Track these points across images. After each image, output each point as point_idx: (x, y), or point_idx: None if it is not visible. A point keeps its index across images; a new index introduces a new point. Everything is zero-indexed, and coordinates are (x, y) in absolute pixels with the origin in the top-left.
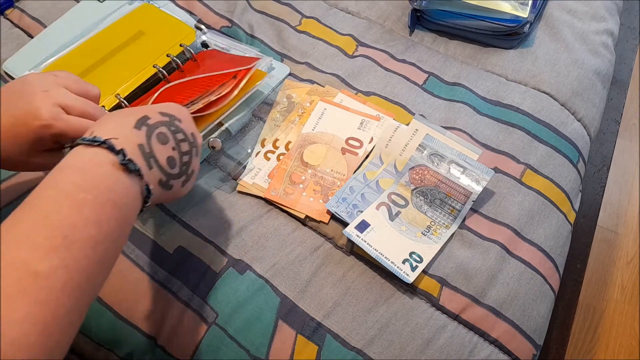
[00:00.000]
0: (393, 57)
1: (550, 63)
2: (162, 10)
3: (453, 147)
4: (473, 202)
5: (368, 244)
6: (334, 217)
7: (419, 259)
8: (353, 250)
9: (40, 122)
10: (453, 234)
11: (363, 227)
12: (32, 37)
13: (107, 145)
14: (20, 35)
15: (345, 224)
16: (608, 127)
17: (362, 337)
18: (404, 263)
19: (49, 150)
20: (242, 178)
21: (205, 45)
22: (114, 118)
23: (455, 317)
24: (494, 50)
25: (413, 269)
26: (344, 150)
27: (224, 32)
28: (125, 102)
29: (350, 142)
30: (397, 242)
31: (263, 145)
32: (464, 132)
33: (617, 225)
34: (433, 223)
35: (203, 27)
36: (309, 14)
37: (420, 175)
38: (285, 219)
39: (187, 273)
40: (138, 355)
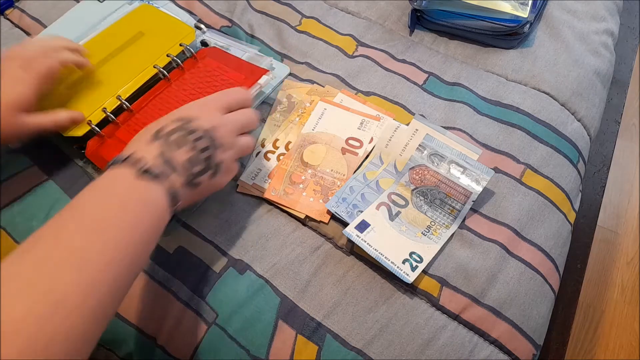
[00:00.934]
0: (393, 57)
1: (550, 63)
2: (161, 11)
3: (453, 147)
4: (473, 202)
5: (368, 244)
6: (334, 217)
7: (419, 259)
8: (353, 250)
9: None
10: (453, 234)
11: (363, 227)
12: (32, 37)
13: (129, 161)
14: (21, 35)
15: (345, 224)
16: (608, 127)
17: (362, 337)
18: (404, 263)
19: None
20: (241, 178)
21: (205, 44)
22: (135, 140)
23: (455, 317)
24: (494, 50)
25: (413, 269)
26: (344, 150)
27: (224, 31)
28: (127, 103)
29: (350, 142)
30: (397, 242)
31: (263, 146)
32: (464, 132)
33: (617, 225)
34: (433, 223)
35: (203, 26)
36: (309, 14)
37: (420, 175)
38: (285, 219)
39: (187, 273)
40: (138, 355)
